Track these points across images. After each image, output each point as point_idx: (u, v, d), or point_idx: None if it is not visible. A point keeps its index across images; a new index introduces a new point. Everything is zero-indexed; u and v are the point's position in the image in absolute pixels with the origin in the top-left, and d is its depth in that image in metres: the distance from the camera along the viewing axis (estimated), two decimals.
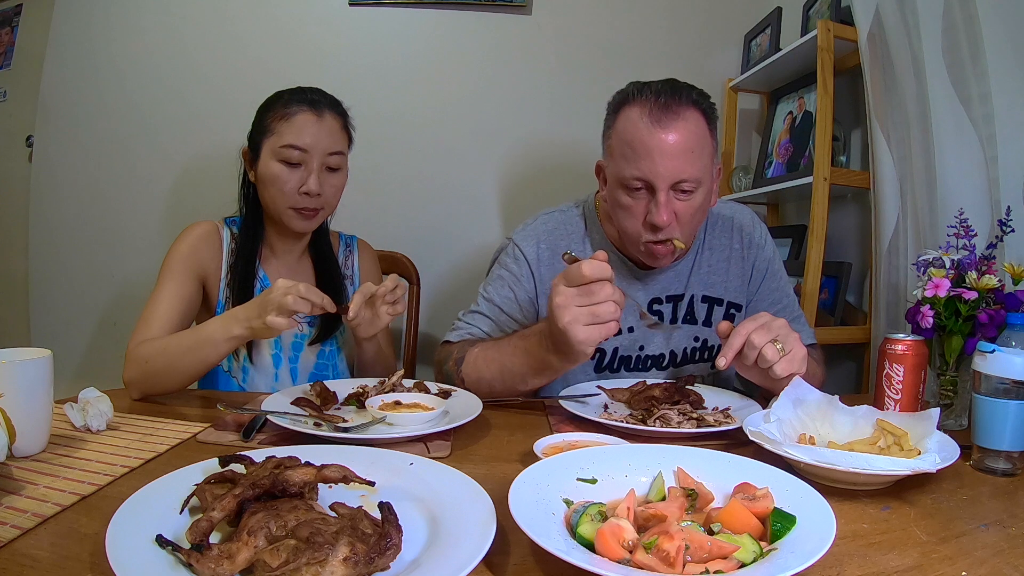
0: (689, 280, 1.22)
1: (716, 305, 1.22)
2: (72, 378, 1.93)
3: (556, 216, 1.25)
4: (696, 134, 1.04)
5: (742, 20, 1.99)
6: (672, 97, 1.03)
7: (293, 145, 1.16)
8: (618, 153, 1.08)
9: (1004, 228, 1.01)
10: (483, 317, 1.20)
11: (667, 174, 1.02)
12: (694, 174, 1.03)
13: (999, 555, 0.57)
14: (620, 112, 1.08)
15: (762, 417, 0.82)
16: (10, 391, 0.72)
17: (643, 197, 1.06)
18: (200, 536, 0.51)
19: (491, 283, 1.23)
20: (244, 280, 1.22)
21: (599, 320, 0.87)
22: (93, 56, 1.99)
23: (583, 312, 0.87)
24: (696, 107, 1.05)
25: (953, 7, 1.27)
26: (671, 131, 1.02)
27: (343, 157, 1.23)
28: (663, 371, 1.24)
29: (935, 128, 1.30)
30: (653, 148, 1.02)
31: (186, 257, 1.20)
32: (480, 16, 1.97)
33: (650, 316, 1.11)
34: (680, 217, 1.06)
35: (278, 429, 0.86)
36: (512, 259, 1.21)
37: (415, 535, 0.55)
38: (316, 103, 1.19)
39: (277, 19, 1.96)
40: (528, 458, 0.75)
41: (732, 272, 1.23)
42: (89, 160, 2.01)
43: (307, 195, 1.17)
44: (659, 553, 0.50)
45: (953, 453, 0.72)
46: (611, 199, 1.13)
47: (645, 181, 1.04)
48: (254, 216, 1.26)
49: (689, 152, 1.02)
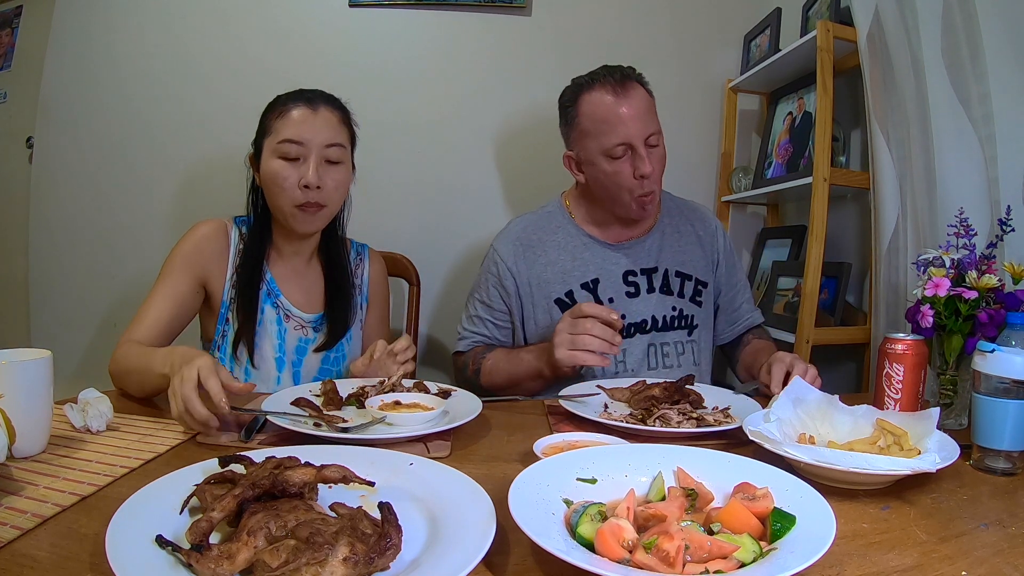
0: (660, 256, 1.38)
1: (687, 280, 1.39)
2: (72, 378, 1.93)
3: (528, 217, 1.43)
4: (647, 100, 1.26)
5: (742, 21, 1.99)
6: (622, 76, 1.25)
7: (289, 139, 1.15)
8: (593, 132, 1.26)
9: (1004, 227, 1.01)
10: (481, 320, 1.39)
11: (640, 132, 1.23)
12: (656, 128, 1.26)
13: (999, 555, 0.57)
14: (579, 101, 1.27)
15: (762, 417, 0.82)
16: (10, 391, 0.72)
17: (626, 159, 1.24)
18: (200, 536, 0.51)
19: (480, 288, 1.40)
20: (250, 281, 1.22)
21: (579, 347, 1.07)
22: (93, 57, 1.99)
23: (568, 338, 1.08)
24: (638, 82, 1.27)
25: (953, 7, 1.27)
26: (632, 98, 1.23)
27: (343, 150, 1.22)
28: (647, 335, 1.34)
29: (935, 128, 1.30)
30: (625, 115, 1.22)
31: (188, 255, 1.20)
32: (480, 16, 1.97)
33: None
34: (655, 166, 1.26)
35: (278, 429, 0.86)
36: (492, 263, 1.38)
37: (415, 535, 0.55)
38: (311, 99, 1.20)
39: (277, 19, 1.96)
40: (528, 458, 0.75)
41: (697, 254, 1.41)
42: (89, 161, 2.01)
43: (307, 188, 1.16)
44: (659, 553, 0.50)
45: (953, 453, 0.72)
46: (596, 174, 1.29)
47: (626, 143, 1.23)
48: (262, 220, 1.26)
49: (648, 112, 1.25)
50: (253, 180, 1.26)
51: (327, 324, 1.28)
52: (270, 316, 1.24)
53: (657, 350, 1.34)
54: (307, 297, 1.29)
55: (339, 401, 1.01)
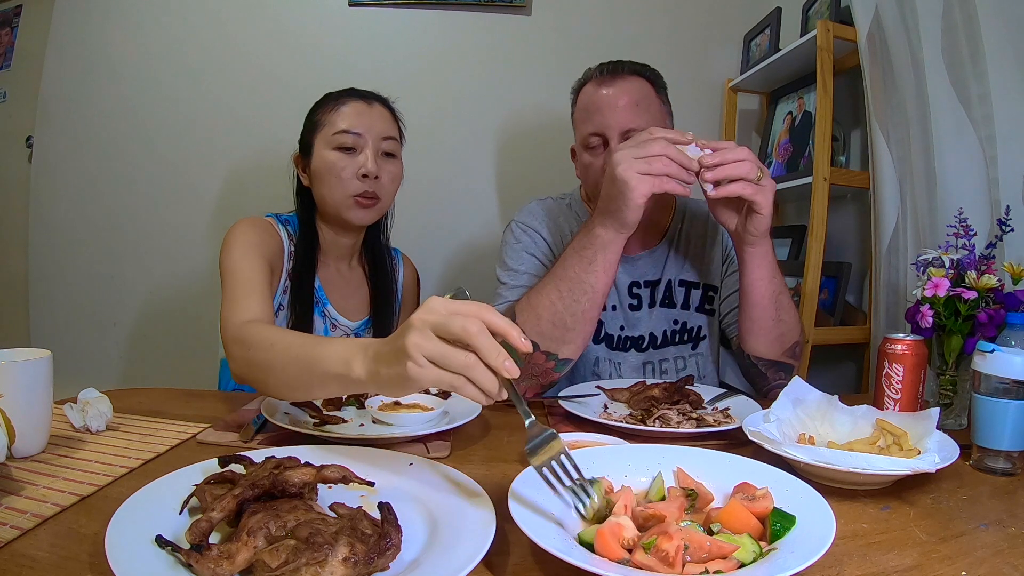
0: (665, 266, 1.28)
1: (693, 289, 1.29)
2: (72, 378, 1.93)
3: (548, 201, 1.34)
4: (640, 92, 1.15)
5: (742, 20, 1.99)
6: (616, 67, 1.17)
7: (347, 130, 1.15)
8: (576, 121, 1.22)
9: (1004, 228, 1.01)
10: (515, 288, 1.20)
11: (615, 124, 1.13)
12: (642, 125, 1.10)
13: (999, 555, 0.57)
14: (580, 91, 1.22)
15: (762, 417, 0.82)
16: (10, 391, 0.72)
17: (601, 152, 1.16)
18: (200, 536, 0.51)
19: (508, 259, 1.25)
20: (304, 292, 1.16)
21: (652, 171, 0.90)
22: (93, 57, 1.99)
23: (638, 161, 0.90)
24: (638, 75, 1.17)
25: (953, 7, 1.27)
26: (613, 87, 1.14)
27: (397, 144, 1.22)
28: (642, 352, 1.28)
29: (935, 128, 1.30)
30: (602, 104, 1.14)
31: (256, 245, 1.09)
32: (480, 16, 1.97)
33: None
34: None
35: (278, 429, 0.86)
36: (521, 231, 1.27)
37: (415, 535, 0.55)
38: (364, 95, 1.21)
39: (277, 19, 1.96)
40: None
41: (708, 255, 1.29)
42: (89, 161, 2.01)
43: (366, 178, 1.15)
44: (658, 553, 0.50)
45: (953, 453, 0.72)
46: (580, 168, 1.23)
47: (599, 134, 1.15)
48: (309, 224, 1.22)
49: (633, 105, 1.13)
50: (298, 181, 1.24)
51: (372, 332, 1.26)
52: (318, 326, 1.22)
53: (655, 367, 1.28)
54: (351, 303, 1.28)
55: (339, 401, 1.01)
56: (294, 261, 1.19)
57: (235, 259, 1.05)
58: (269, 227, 1.17)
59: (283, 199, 1.30)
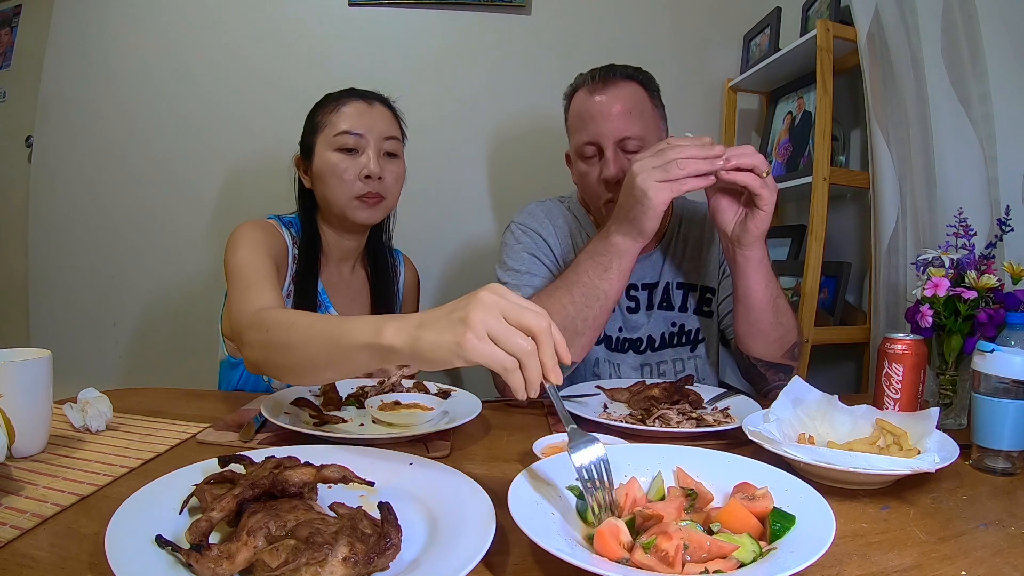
0: (663, 269, 1.28)
1: (691, 291, 1.29)
2: (72, 378, 1.93)
3: (547, 203, 1.34)
4: (634, 98, 1.14)
5: (742, 20, 1.99)
6: (608, 73, 1.16)
7: (348, 131, 1.14)
8: (572, 130, 1.21)
9: (1003, 227, 1.01)
10: (515, 288, 1.18)
11: (609, 132, 1.12)
12: (636, 132, 1.13)
13: (998, 555, 0.57)
14: (572, 99, 1.21)
15: (761, 417, 0.82)
16: (10, 391, 0.72)
17: (596, 161, 1.16)
18: (199, 536, 0.51)
19: (508, 259, 1.26)
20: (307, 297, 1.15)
21: (669, 177, 0.90)
22: (92, 56, 1.99)
23: (656, 171, 0.91)
24: (631, 79, 1.16)
25: (953, 7, 1.27)
26: (607, 95, 1.13)
27: (399, 143, 1.22)
28: (640, 354, 1.28)
29: (935, 128, 1.30)
30: (595, 113, 1.13)
31: (262, 244, 1.07)
32: (480, 16, 1.97)
33: None
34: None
35: (278, 429, 0.86)
36: (521, 231, 1.27)
37: (415, 535, 0.55)
38: (364, 95, 1.20)
39: (277, 19, 1.96)
40: (527, 458, 0.75)
41: (705, 257, 1.29)
42: (88, 160, 2.01)
43: (369, 179, 1.14)
44: (658, 553, 0.50)
45: (952, 452, 0.72)
46: (576, 176, 1.24)
47: (594, 143, 1.15)
48: (311, 226, 1.22)
49: (627, 113, 1.13)
50: (300, 183, 1.23)
51: None
52: None
53: (653, 369, 1.28)
54: (352, 306, 1.27)
55: (339, 401, 1.01)
56: (297, 264, 1.19)
57: (243, 255, 1.03)
58: (273, 229, 1.17)
59: (283, 199, 1.30)
